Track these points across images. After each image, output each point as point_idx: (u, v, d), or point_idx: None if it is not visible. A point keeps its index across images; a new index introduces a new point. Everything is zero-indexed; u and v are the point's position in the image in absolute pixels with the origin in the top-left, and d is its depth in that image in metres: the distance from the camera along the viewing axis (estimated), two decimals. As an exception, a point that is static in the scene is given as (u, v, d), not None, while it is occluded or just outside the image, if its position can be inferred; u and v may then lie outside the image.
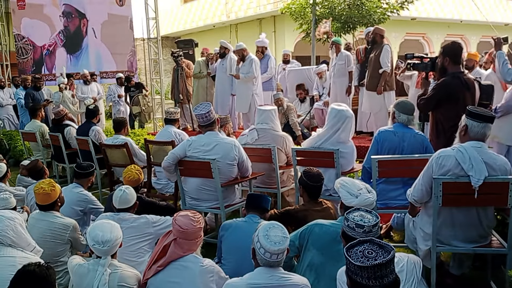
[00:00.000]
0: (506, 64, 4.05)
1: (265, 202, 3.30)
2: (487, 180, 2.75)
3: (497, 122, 4.53)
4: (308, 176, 3.49)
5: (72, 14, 11.07)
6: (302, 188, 3.54)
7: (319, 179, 3.50)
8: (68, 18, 11.07)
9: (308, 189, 3.49)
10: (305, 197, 3.54)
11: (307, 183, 3.47)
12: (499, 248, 2.99)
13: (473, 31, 22.30)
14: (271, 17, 18.00)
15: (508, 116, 4.38)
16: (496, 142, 4.69)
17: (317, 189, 3.50)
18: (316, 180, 3.48)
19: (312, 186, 3.47)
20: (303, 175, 3.53)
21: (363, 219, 2.25)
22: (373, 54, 6.80)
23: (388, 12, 12.86)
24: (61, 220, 3.51)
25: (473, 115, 2.87)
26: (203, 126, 4.16)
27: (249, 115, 7.91)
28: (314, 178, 3.49)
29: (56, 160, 7.08)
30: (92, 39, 11.20)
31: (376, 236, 2.20)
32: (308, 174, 3.51)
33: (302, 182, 3.52)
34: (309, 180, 3.47)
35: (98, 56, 11.30)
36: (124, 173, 3.97)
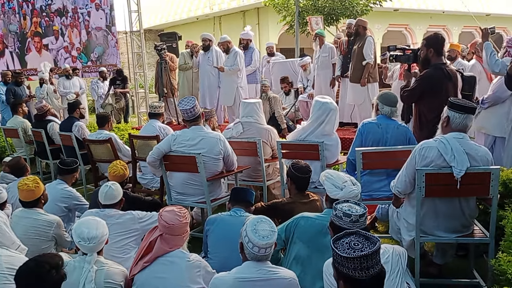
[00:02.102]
0: (494, 55, 4.11)
1: (249, 196, 3.31)
2: (469, 171, 2.79)
3: (484, 113, 4.63)
4: (296, 168, 3.51)
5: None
6: (290, 180, 3.55)
7: (307, 171, 3.52)
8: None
9: (296, 181, 3.51)
10: (292, 189, 3.55)
11: (295, 175, 3.49)
12: (481, 238, 3.04)
13: (455, 22, 22.54)
14: (255, 9, 17.95)
15: (495, 107, 4.45)
16: (483, 133, 4.77)
17: (305, 180, 3.52)
18: (304, 172, 3.51)
19: (301, 177, 3.49)
20: (291, 167, 3.55)
21: (351, 209, 2.29)
22: (356, 46, 6.83)
23: (371, 4, 12.91)
24: (45, 217, 3.48)
25: (455, 106, 2.90)
26: (188, 120, 4.14)
27: (233, 108, 7.90)
28: (302, 170, 3.51)
29: (39, 156, 6.99)
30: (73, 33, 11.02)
31: (363, 227, 2.24)
32: (296, 166, 3.53)
33: (290, 174, 3.53)
34: (297, 172, 3.49)
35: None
36: (110, 169, 3.94)
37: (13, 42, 10.70)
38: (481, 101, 4.67)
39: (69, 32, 10.88)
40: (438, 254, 3.39)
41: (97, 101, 10.45)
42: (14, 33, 10.67)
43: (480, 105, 4.66)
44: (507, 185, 3.40)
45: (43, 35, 10.81)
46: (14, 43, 10.71)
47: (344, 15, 12.56)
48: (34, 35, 10.77)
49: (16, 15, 10.63)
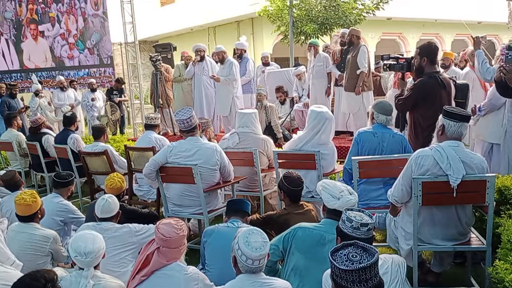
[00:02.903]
0: (486, 63, 4.15)
1: (245, 206, 3.29)
2: (465, 179, 2.80)
3: (481, 120, 4.67)
4: (289, 180, 3.50)
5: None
6: (283, 193, 3.54)
7: (300, 183, 3.52)
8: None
9: (289, 194, 3.50)
10: (286, 201, 3.55)
11: (287, 187, 3.49)
12: (478, 246, 3.05)
13: (447, 30, 22.72)
14: (249, 19, 18.02)
15: (491, 114, 4.48)
16: (480, 140, 4.80)
17: (297, 193, 3.51)
18: (297, 185, 3.50)
19: (293, 190, 3.48)
20: (283, 179, 3.54)
21: (363, 218, 2.30)
22: (350, 55, 6.87)
23: (363, 13, 13.00)
24: (41, 231, 3.46)
25: (449, 114, 2.92)
26: (184, 131, 4.14)
27: (229, 118, 7.91)
28: (295, 183, 3.50)
29: (35, 169, 6.96)
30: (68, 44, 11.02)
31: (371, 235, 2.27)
32: (288, 179, 3.52)
33: (283, 187, 3.52)
34: (289, 185, 3.48)
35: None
36: (107, 181, 3.93)
37: (8, 30, 10.47)
38: (478, 108, 4.71)
39: (66, 19, 10.69)
40: (435, 262, 3.39)
41: (89, 113, 10.36)
42: (9, 20, 10.44)
43: (478, 113, 4.70)
44: (503, 192, 3.41)
45: (39, 22, 10.62)
46: (9, 31, 10.48)
47: (337, 25, 12.62)
48: (30, 22, 10.55)
49: (11, 2, 10.43)
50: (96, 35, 10.88)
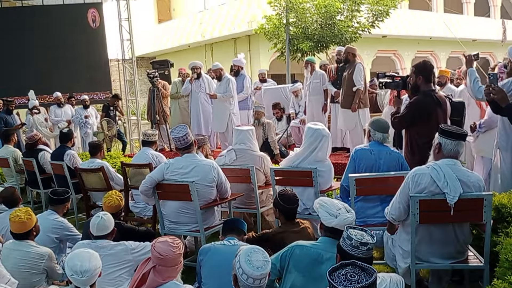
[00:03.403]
0: (477, 82, 4.19)
1: (240, 224, 3.27)
2: (462, 197, 2.81)
3: (481, 137, 4.71)
4: (284, 198, 3.46)
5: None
6: (278, 211, 3.52)
7: (295, 200, 3.48)
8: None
9: (284, 212, 3.47)
10: (281, 219, 3.52)
11: (283, 206, 3.45)
12: (476, 264, 3.04)
13: (442, 47, 22.98)
14: (246, 36, 18.19)
15: (492, 131, 4.51)
16: (481, 156, 4.83)
17: (293, 211, 3.48)
18: (292, 203, 3.46)
19: (288, 208, 3.45)
20: (278, 198, 3.50)
21: (364, 237, 2.28)
22: (346, 72, 6.92)
23: (359, 31, 13.15)
24: (36, 249, 3.42)
25: (446, 133, 2.94)
26: (181, 148, 4.14)
27: (226, 134, 7.93)
28: (290, 201, 3.46)
29: (30, 186, 6.92)
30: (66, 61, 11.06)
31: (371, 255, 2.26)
32: (284, 197, 3.48)
33: (278, 205, 3.48)
34: (284, 203, 3.44)
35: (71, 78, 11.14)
36: (105, 199, 3.91)
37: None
38: (478, 125, 4.75)
39: None
40: (433, 280, 3.37)
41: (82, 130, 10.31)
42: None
43: (478, 129, 4.74)
44: (500, 210, 3.41)
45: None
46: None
47: (333, 42, 12.76)
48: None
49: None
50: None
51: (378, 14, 13.27)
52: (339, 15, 12.95)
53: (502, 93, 3.76)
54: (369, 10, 13.32)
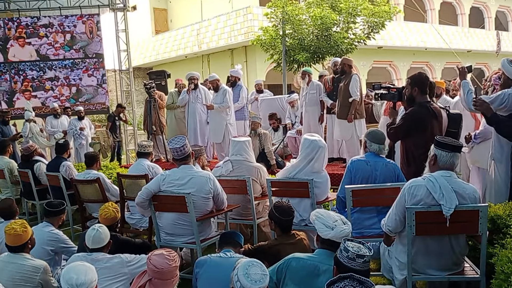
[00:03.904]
0: (471, 94, 4.22)
1: (237, 237, 3.26)
2: (458, 209, 2.82)
3: (477, 148, 4.73)
4: (279, 210, 3.44)
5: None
6: (273, 223, 3.50)
7: (290, 212, 3.46)
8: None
9: (280, 224, 3.45)
10: (277, 231, 3.50)
11: (278, 218, 3.42)
12: (472, 276, 3.04)
13: (437, 58, 23.18)
14: (243, 47, 18.28)
15: (487, 142, 4.53)
16: (476, 167, 4.84)
17: (288, 223, 3.46)
18: (287, 214, 3.44)
19: (284, 220, 3.43)
20: (273, 210, 3.47)
21: (361, 250, 2.28)
22: (343, 83, 6.96)
23: (355, 42, 13.25)
24: (31, 262, 3.39)
25: (441, 145, 2.95)
26: (178, 159, 4.14)
27: (223, 145, 7.94)
28: (285, 213, 3.43)
29: (26, 197, 6.89)
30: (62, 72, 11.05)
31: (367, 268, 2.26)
32: (279, 209, 3.45)
33: (273, 217, 3.46)
34: (280, 215, 3.42)
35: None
36: (101, 211, 3.89)
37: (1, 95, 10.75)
38: (473, 136, 4.77)
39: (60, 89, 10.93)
40: (430, 292, 3.37)
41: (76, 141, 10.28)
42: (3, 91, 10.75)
43: (473, 140, 4.76)
44: (495, 221, 3.42)
45: (33, 90, 10.87)
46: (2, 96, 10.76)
47: (329, 53, 12.85)
48: (24, 91, 10.82)
49: (7, 82, 10.76)
50: (88, 95, 11.01)
51: (374, 25, 13.39)
52: (335, 26, 13.05)
53: (484, 105, 3.84)
54: (365, 22, 13.44)
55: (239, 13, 17.39)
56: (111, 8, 10.83)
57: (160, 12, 23.13)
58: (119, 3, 10.77)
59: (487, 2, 25.45)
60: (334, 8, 13.06)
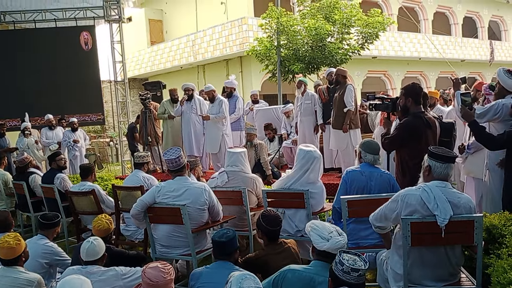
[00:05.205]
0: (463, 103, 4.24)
1: (230, 247, 3.12)
2: (453, 219, 2.81)
3: (470, 158, 4.75)
4: (266, 220, 3.41)
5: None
6: (260, 232, 3.47)
7: (278, 222, 3.44)
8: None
9: (267, 233, 3.42)
10: (264, 240, 3.46)
11: (265, 227, 3.40)
12: (469, 286, 3.03)
13: (431, 68, 23.35)
14: (238, 58, 18.36)
15: (481, 152, 4.56)
16: (471, 177, 4.86)
17: (276, 232, 3.43)
18: (275, 224, 3.41)
19: (271, 230, 3.40)
20: (261, 219, 3.44)
21: (356, 263, 2.27)
22: (337, 93, 6.99)
23: (349, 53, 13.33)
24: (25, 275, 3.36)
25: (435, 156, 2.96)
26: (173, 171, 4.13)
27: (218, 156, 7.93)
28: (273, 222, 3.41)
29: (21, 209, 6.84)
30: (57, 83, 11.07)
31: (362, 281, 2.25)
32: (266, 218, 3.42)
33: (260, 226, 3.43)
34: (267, 225, 3.39)
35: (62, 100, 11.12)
36: (94, 222, 3.87)
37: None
38: (467, 146, 4.79)
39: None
40: (427, 303, 3.35)
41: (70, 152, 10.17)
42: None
43: (467, 150, 4.78)
44: (491, 231, 3.42)
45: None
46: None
47: (324, 64, 12.90)
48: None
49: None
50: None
51: (368, 36, 13.48)
52: (330, 37, 13.13)
53: (466, 112, 3.98)
54: (359, 32, 13.53)
55: (234, 24, 17.49)
56: (106, 20, 10.87)
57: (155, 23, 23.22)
58: (114, 15, 10.82)
59: (480, 12, 25.73)
60: (328, 19, 13.14)
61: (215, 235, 3.15)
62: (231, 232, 3.15)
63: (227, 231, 3.15)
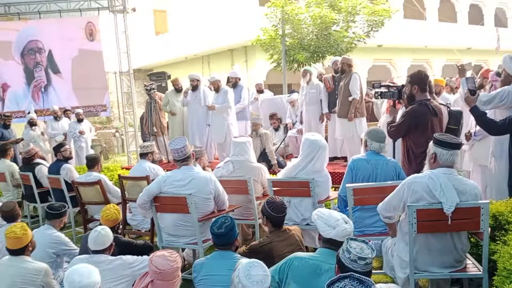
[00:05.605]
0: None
1: (230, 236, 3.06)
2: (459, 206, 2.81)
3: (477, 145, 4.73)
4: (272, 207, 3.44)
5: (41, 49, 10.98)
6: (265, 218, 3.49)
7: (283, 209, 3.46)
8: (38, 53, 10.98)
9: (272, 220, 3.45)
10: (269, 227, 3.49)
11: (270, 214, 3.43)
12: (475, 273, 3.03)
13: (437, 55, 23.13)
14: (243, 47, 18.26)
15: (487, 139, 4.55)
16: (478, 165, 4.84)
17: (280, 219, 3.46)
18: (280, 211, 3.44)
19: (276, 217, 3.43)
20: (266, 205, 3.47)
21: (363, 251, 2.26)
22: (343, 82, 6.96)
23: (355, 41, 13.24)
24: (32, 264, 3.40)
25: (440, 143, 2.94)
26: (178, 160, 4.14)
27: (224, 145, 7.94)
28: (278, 209, 3.44)
29: (27, 200, 6.89)
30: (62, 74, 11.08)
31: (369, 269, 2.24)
32: (272, 205, 3.45)
33: (266, 213, 3.46)
34: (273, 212, 3.42)
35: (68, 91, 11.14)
36: (102, 212, 3.90)
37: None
38: (473, 133, 4.76)
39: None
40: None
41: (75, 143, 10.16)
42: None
43: (473, 138, 4.75)
44: (497, 218, 3.42)
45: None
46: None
47: (329, 52, 12.84)
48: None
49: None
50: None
51: (373, 24, 13.37)
52: (335, 25, 13.05)
53: (468, 97, 3.99)
54: (364, 20, 13.43)
55: (239, 13, 17.37)
56: (111, 10, 10.84)
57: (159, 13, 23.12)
58: (119, 5, 10.77)
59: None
60: (333, 7, 13.05)
61: (213, 226, 3.07)
62: (229, 221, 3.06)
63: (225, 220, 3.05)
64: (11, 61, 10.94)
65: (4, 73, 10.93)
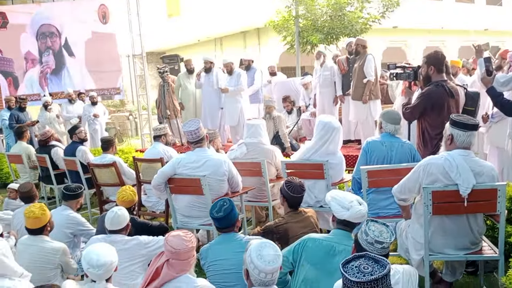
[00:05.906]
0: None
1: (231, 219, 3.05)
2: (475, 188, 2.78)
3: (495, 127, 4.67)
4: (290, 187, 3.46)
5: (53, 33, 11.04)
6: (283, 198, 3.51)
7: (301, 190, 3.48)
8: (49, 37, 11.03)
9: (289, 200, 3.47)
10: (285, 206, 3.52)
11: (289, 194, 3.45)
12: (490, 255, 3.01)
13: (454, 37, 22.67)
14: (255, 29, 18.10)
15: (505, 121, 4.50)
16: (495, 147, 4.78)
17: (298, 199, 3.48)
18: (298, 192, 3.46)
19: (294, 197, 3.45)
20: (285, 185, 3.50)
21: (382, 235, 2.24)
22: (357, 64, 6.88)
23: (369, 22, 13.02)
24: (51, 244, 3.47)
25: (457, 124, 2.90)
26: (192, 142, 4.15)
27: (237, 128, 7.94)
28: (296, 189, 3.46)
29: (44, 182, 6.99)
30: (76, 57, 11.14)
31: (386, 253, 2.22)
32: (290, 185, 3.47)
33: (284, 192, 3.48)
34: (291, 192, 3.44)
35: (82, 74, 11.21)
36: (118, 194, 3.94)
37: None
38: (491, 115, 4.69)
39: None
40: (447, 271, 3.35)
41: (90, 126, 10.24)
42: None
43: (490, 120, 4.69)
44: (514, 200, 3.38)
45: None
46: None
47: (343, 34, 12.65)
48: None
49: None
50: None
51: (389, 5, 13.12)
52: (349, 6, 12.82)
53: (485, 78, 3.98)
54: (379, 1, 13.18)
55: (252, -6, 17.18)
56: (123, -7, 10.81)
57: (172, -5, 22.97)
58: (131, -13, 10.73)
59: (505, -22, 24.75)
60: (348, -13, 12.82)
61: (212, 210, 3.08)
62: (228, 203, 3.06)
63: (224, 203, 3.06)
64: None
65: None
